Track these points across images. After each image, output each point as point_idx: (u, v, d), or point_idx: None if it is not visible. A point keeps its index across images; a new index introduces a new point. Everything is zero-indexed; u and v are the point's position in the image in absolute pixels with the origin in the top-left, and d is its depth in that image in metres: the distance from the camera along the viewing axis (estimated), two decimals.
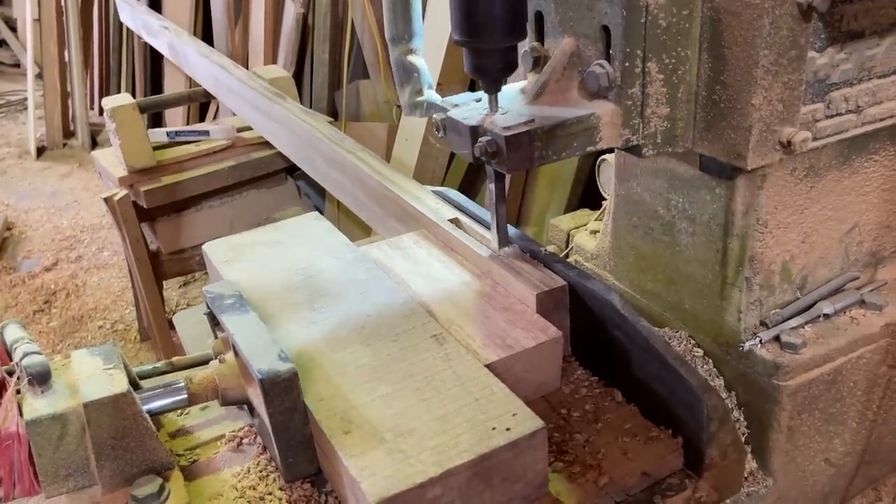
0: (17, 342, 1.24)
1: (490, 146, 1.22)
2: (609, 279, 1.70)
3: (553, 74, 1.29)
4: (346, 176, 2.40)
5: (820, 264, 1.46)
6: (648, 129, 1.25)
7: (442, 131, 1.38)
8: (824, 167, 1.38)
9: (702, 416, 1.26)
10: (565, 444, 1.32)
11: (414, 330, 1.39)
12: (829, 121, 1.32)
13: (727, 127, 1.23)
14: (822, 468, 1.51)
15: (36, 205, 6.09)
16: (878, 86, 1.35)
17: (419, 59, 1.54)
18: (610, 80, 1.22)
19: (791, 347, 1.37)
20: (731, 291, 1.41)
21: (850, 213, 1.45)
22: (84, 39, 6.80)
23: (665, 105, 1.25)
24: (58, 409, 1.18)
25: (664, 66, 1.22)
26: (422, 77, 1.55)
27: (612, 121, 1.24)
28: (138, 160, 3.60)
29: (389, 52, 1.54)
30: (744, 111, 1.19)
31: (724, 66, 1.20)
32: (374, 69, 4.19)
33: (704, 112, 1.26)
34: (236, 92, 3.46)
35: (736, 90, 1.19)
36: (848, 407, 1.47)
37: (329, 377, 1.29)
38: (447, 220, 1.73)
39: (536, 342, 1.36)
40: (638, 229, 1.57)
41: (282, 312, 1.46)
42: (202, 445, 1.39)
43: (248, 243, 1.71)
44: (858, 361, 1.44)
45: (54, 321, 4.63)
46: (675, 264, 1.51)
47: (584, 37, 1.26)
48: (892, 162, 1.47)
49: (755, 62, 1.15)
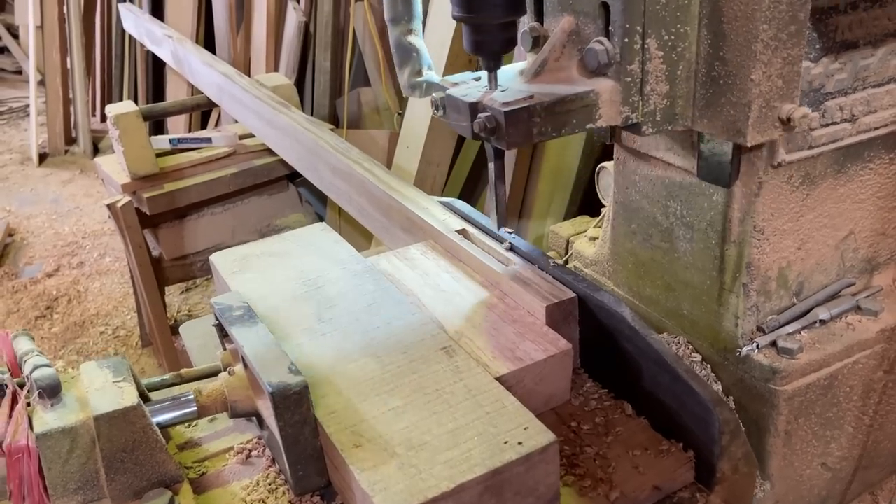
0: (27, 354, 1.24)
1: (489, 122, 1.21)
2: (608, 285, 1.70)
3: (552, 52, 1.28)
4: (351, 186, 2.40)
5: (816, 270, 1.47)
6: (648, 106, 1.24)
7: (441, 110, 1.36)
8: (820, 175, 1.39)
9: (713, 430, 1.25)
10: (576, 457, 1.32)
11: (423, 342, 1.39)
12: (824, 129, 1.34)
13: (727, 104, 1.21)
14: (819, 473, 1.51)
15: (38, 211, 6.08)
16: (872, 95, 1.37)
17: (418, 40, 1.53)
18: (609, 57, 1.21)
19: (788, 353, 1.38)
20: (729, 297, 1.42)
21: (845, 221, 1.46)
22: (86, 47, 6.80)
23: (664, 82, 1.24)
24: (68, 423, 1.18)
25: (663, 42, 1.20)
26: (421, 58, 1.54)
27: (612, 98, 1.23)
28: (141, 167, 3.60)
29: (389, 32, 1.53)
30: (743, 87, 1.18)
31: (723, 42, 1.18)
32: (376, 77, 4.19)
33: (704, 89, 1.24)
34: (240, 101, 3.46)
35: (735, 66, 1.18)
36: (844, 412, 1.48)
37: (339, 390, 1.28)
38: (455, 230, 1.73)
39: (546, 355, 1.36)
40: (637, 236, 1.58)
41: (290, 324, 1.46)
42: (211, 458, 1.38)
43: (256, 254, 1.70)
44: (854, 367, 1.45)
45: (56, 327, 4.62)
46: (674, 270, 1.52)
47: (584, 14, 1.25)
48: (887, 170, 1.48)
49: (755, 37, 1.13)
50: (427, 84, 1.53)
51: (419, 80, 1.55)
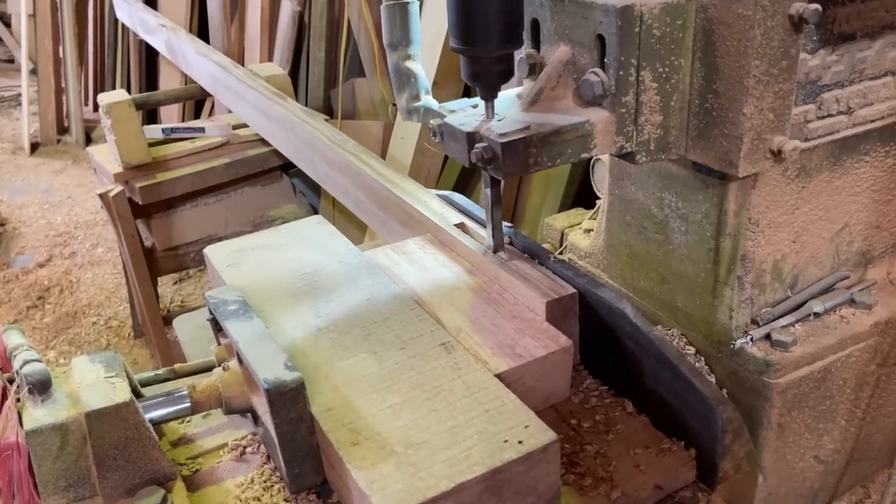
0: (17, 349, 1.21)
1: (486, 152, 1.23)
2: (602, 277, 1.70)
3: (548, 82, 1.30)
4: (347, 178, 2.38)
5: (811, 263, 1.47)
6: (642, 136, 1.26)
7: (439, 137, 1.39)
8: (815, 168, 1.39)
9: (717, 429, 1.24)
10: (576, 455, 1.30)
11: (422, 338, 1.36)
12: (820, 122, 1.34)
13: (719, 135, 1.24)
14: (811, 465, 1.51)
15: (29, 201, 6.05)
16: (868, 87, 1.37)
17: (416, 65, 1.56)
18: (604, 88, 1.23)
19: (782, 345, 1.38)
20: (723, 290, 1.41)
21: (840, 214, 1.46)
22: (79, 36, 6.76)
23: (658, 113, 1.26)
24: (58, 419, 1.15)
25: (658, 74, 1.23)
26: (419, 82, 1.57)
27: (607, 128, 1.25)
28: (134, 156, 3.58)
29: (387, 57, 1.57)
30: (735, 120, 1.20)
31: (716, 76, 1.21)
32: (370, 67, 4.17)
33: (697, 120, 1.27)
34: (236, 91, 3.43)
35: (728, 99, 1.20)
36: (837, 405, 1.48)
37: (336, 386, 1.26)
38: (453, 224, 1.70)
39: (547, 351, 1.33)
40: (631, 228, 1.58)
41: (285, 319, 1.44)
42: (204, 454, 1.36)
43: (251, 247, 1.68)
44: (848, 360, 1.45)
45: (48, 317, 4.59)
46: (668, 262, 1.51)
47: (580, 45, 1.28)
48: (882, 163, 1.48)
49: (747, 72, 1.16)
50: (424, 109, 1.56)
51: (417, 105, 1.57)
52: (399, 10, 1.51)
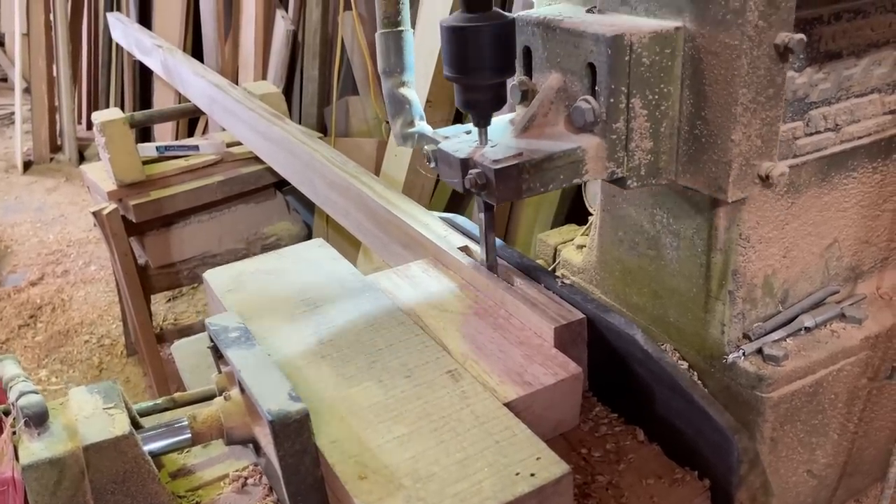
0: (12, 380, 1.18)
1: (480, 178, 1.25)
2: (595, 293, 1.71)
3: (541, 108, 1.33)
4: (348, 200, 2.35)
5: (801, 278, 1.48)
6: (632, 162, 1.28)
7: (433, 162, 1.41)
8: (804, 184, 1.40)
9: (732, 459, 1.21)
10: (587, 486, 1.27)
11: (427, 365, 1.33)
12: (808, 139, 1.35)
13: (708, 161, 1.25)
14: (804, 479, 1.50)
15: (22, 219, 6.01)
16: (855, 104, 1.38)
17: (411, 92, 1.57)
18: (595, 115, 1.25)
19: (773, 360, 1.38)
20: (715, 305, 1.41)
21: (829, 229, 1.47)
22: (73, 54, 6.74)
23: (648, 139, 1.28)
24: (56, 453, 1.11)
25: (648, 101, 1.24)
26: (413, 109, 1.57)
27: (598, 154, 1.27)
28: (128, 174, 3.58)
29: (382, 84, 1.58)
30: (724, 146, 1.22)
31: (704, 103, 1.23)
32: (364, 86, 4.17)
33: (686, 146, 1.28)
34: (233, 112, 3.41)
35: (716, 126, 1.22)
36: (829, 419, 1.48)
37: (341, 417, 1.23)
38: (457, 248, 1.67)
39: (556, 379, 1.30)
40: (623, 243, 1.58)
41: (288, 345, 1.40)
42: (205, 486, 1.32)
43: (251, 271, 1.65)
44: (839, 374, 1.45)
45: (40, 336, 4.55)
46: (660, 278, 1.51)
47: (571, 73, 1.30)
48: (870, 179, 1.49)
49: (734, 100, 1.18)
50: (419, 135, 1.56)
51: (411, 131, 1.58)
52: (393, 37, 1.52)
